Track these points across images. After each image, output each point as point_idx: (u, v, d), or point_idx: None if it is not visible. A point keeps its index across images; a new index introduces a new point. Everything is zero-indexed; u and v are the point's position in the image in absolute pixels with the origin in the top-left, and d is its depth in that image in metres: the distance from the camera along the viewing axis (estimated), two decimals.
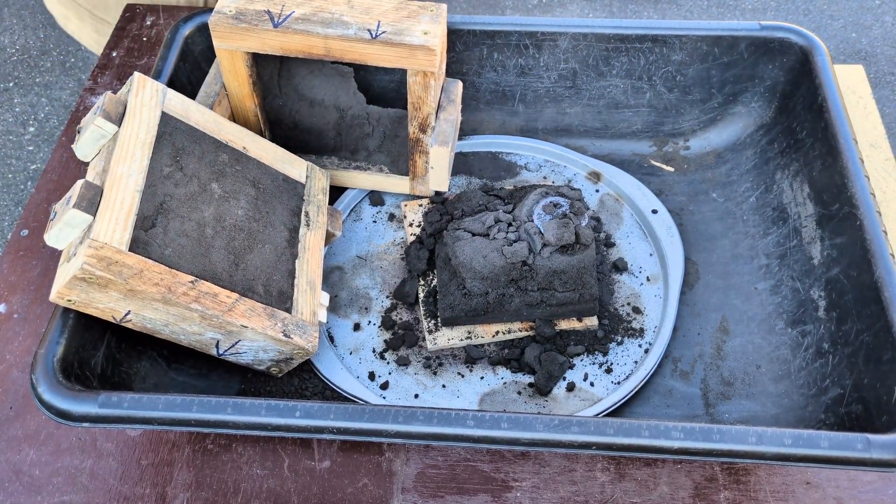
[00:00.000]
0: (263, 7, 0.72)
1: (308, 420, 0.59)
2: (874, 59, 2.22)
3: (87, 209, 0.61)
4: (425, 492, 0.69)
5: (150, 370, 0.71)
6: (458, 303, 0.74)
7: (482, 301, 0.74)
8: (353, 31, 0.70)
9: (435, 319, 0.77)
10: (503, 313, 0.75)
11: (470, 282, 0.73)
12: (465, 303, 0.74)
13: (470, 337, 0.76)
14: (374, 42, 0.69)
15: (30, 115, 2.14)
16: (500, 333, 0.76)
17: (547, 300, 0.74)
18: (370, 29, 0.70)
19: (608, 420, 0.58)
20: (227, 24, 0.71)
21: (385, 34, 0.69)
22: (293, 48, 0.72)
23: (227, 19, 0.71)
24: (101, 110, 0.66)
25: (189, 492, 0.69)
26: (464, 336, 0.76)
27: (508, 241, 0.73)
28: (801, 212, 0.80)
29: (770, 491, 0.69)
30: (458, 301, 0.74)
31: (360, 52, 0.70)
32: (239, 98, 0.79)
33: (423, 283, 0.79)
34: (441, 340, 0.76)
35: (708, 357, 0.76)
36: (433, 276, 0.80)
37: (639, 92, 0.90)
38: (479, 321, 0.76)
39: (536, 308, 0.75)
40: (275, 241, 0.73)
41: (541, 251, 0.72)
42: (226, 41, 0.72)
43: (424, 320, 0.77)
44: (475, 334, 0.76)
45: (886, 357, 0.64)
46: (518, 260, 0.72)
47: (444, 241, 0.77)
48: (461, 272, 0.74)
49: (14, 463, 0.70)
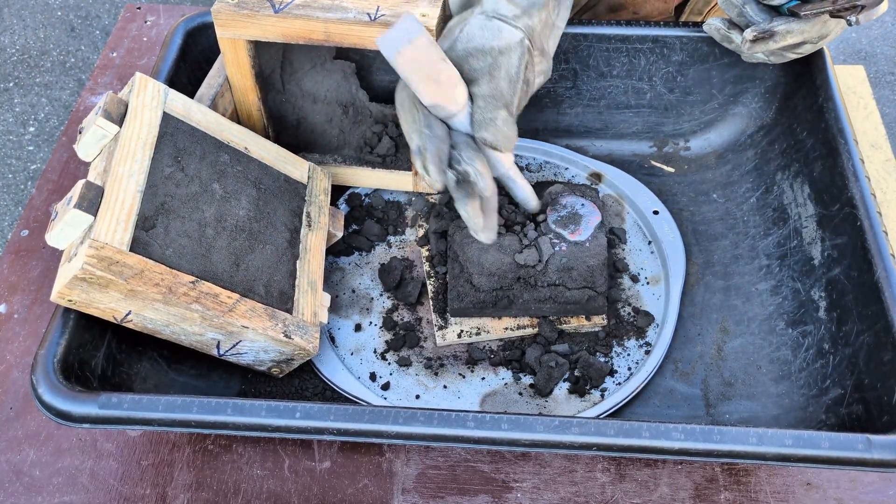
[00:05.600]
0: None
1: (308, 421, 0.59)
2: (874, 59, 2.22)
3: (88, 209, 0.61)
4: (426, 492, 0.69)
5: (150, 371, 0.71)
6: (466, 294, 0.75)
7: (490, 295, 0.74)
8: (352, 14, 0.71)
9: (444, 316, 0.77)
10: (511, 307, 0.75)
11: (477, 277, 0.73)
12: (474, 295, 0.75)
13: (479, 333, 0.76)
14: (373, 24, 0.70)
15: (30, 115, 2.14)
16: (508, 330, 0.76)
17: (556, 297, 0.74)
18: (369, 12, 0.70)
19: (609, 421, 0.58)
20: (228, 12, 0.72)
21: (384, 16, 0.70)
22: (294, 34, 0.72)
23: (229, 7, 0.72)
24: (102, 110, 0.66)
25: (189, 492, 0.69)
26: (473, 333, 0.76)
27: (519, 241, 0.74)
28: (801, 212, 0.80)
29: (771, 492, 0.69)
30: (467, 293, 0.75)
31: (359, 34, 0.71)
32: (242, 91, 0.80)
33: (432, 281, 0.79)
34: (450, 336, 0.76)
35: (709, 357, 0.76)
36: (440, 276, 0.80)
37: (639, 92, 0.90)
38: (488, 314, 0.76)
39: (545, 304, 0.75)
40: (276, 242, 0.73)
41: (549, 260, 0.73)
42: (228, 29, 0.73)
43: (435, 316, 0.77)
44: (484, 330, 0.76)
45: (887, 357, 0.64)
46: (529, 265, 0.73)
47: (452, 236, 0.77)
48: (468, 268, 0.74)
49: (14, 463, 0.70)
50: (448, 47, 0.65)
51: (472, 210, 0.67)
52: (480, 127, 0.64)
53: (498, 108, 0.64)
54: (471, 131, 0.65)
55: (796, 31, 0.74)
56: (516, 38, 0.64)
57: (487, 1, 0.66)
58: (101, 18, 2.38)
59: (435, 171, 0.64)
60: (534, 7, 0.66)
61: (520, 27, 0.65)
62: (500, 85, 0.64)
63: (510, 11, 0.65)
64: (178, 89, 0.75)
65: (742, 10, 0.75)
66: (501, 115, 0.64)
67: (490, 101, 0.64)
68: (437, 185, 0.64)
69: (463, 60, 0.65)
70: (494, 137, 0.64)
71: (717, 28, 0.79)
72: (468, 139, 0.66)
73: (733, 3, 0.76)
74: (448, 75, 0.63)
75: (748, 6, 0.75)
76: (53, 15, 2.38)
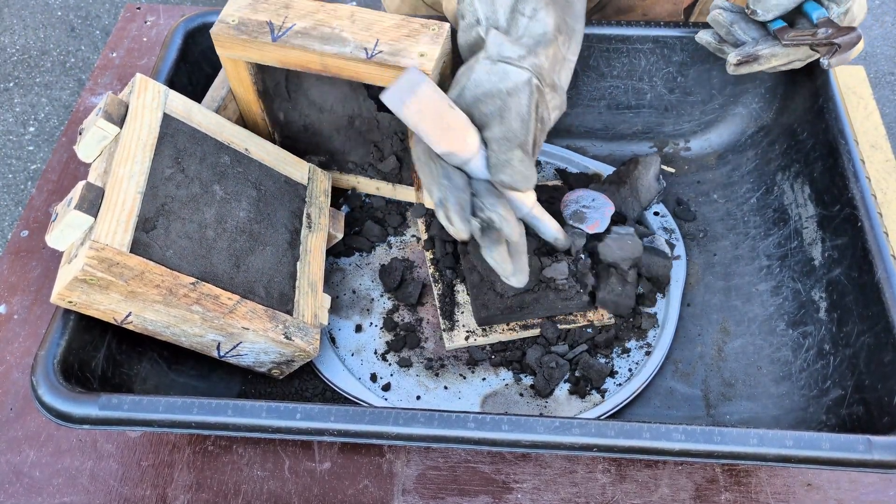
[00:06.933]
0: (266, 18, 0.72)
1: (309, 422, 0.59)
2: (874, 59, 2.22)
3: (89, 210, 0.61)
4: (426, 493, 0.69)
5: (150, 371, 0.70)
6: (492, 302, 0.75)
7: (517, 299, 0.74)
8: (349, 49, 0.69)
9: (451, 319, 0.77)
10: (538, 308, 0.75)
11: (501, 284, 0.74)
12: (500, 301, 0.75)
13: (486, 335, 0.76)
14: (370, 62, 0.69)
15: (30, 115, 2.14)
16: (513, 331, 0.76)
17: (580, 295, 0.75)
18: (367, 48, 0.69)
19: (609, 422, 0.58)
20: (228, 35, 0.71)
21: (381, 54, 0.69)
22: (291, 62, 0.72)
23: (229, 29, 0.71)
24: (102, 112, 0.66)
25: (189, 493, 0.69)
26: (480, 335, 0.76)
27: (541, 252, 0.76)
28: (801, 213, 0.79)
29: (771, 492, 0.69)
30: (493, 300, 0.75)
31: (355, 70, 0.70)
32: (246, 103, 0.80)
33: (438, 285, 0.79)
34: (458, 339, 0.76)
35: (709, 358, 0.76)
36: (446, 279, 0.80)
37: (639, 93, 0.90)
38: (515, 318, 0.76)
39: (571, 301, 0.75)
40: (276, 243, 0.73)
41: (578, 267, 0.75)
42: (228, 50, 0.73)
43: (442, 320, 0.77)
44: (491, 331, 0.76)
45: (888, 358, 0.64)
46: (560, 277, 0.74)
47: (467, 251, 0.78)
48: (491, 276, 0.74)
49: (14, 464, 0.70)
50: (457, 95, 0.65)
51: (499, 256, 0.67)
52: (497, 170, 0.64)
53: (512, 149, 0.63)
54: (489, 176, 0.65)
55: (781, 55, 0.74)
56: (523, 78, 0.63)
57: (492, 45, 0.65)
58: (101, 18, 2.38)
59: (458, 221, 0.63)
60: (539, 45, 0.65)
61: (526, 67, 0.64)
62: (512, 126, 0.63)
63: (515, 53, 0.64)
64: (179, 90, 0.75)
65: (730, 28, 0.76)
66: (517, 156, 0.63)
67: (503, 143, 0.63)
68: (463, 234, 0.64)
69: (473, 107, 0.64)
70: (512, 178, 0.63)
71: (708, 42, 0.79)
72: (488, 185, 0.65)
73: (720, 23, 0.76)
74: (457, 121, 0.62)
75: (736, 25, 0.75)
76: (53, 15, 2.38)
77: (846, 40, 0.70)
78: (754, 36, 0.75)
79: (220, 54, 0.74)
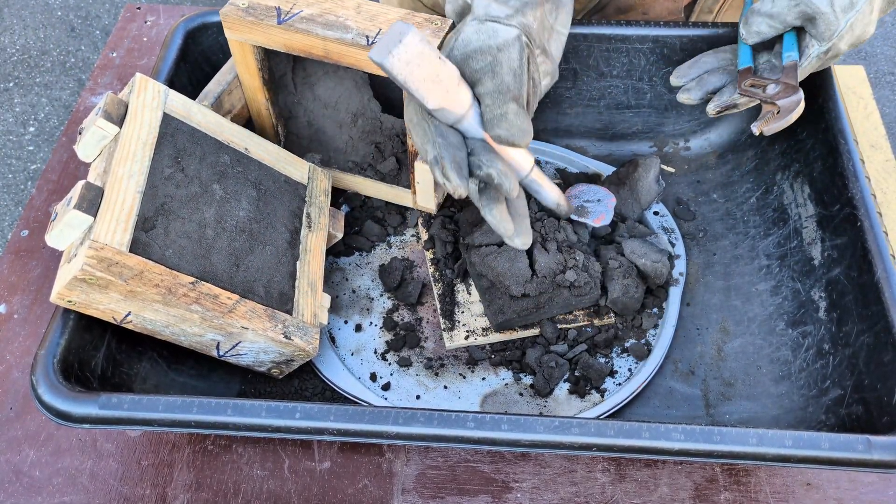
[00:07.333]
0: (275, 3, 0.73)
1: (308, 422, 0.59)
2: (874, 59, 2.22)
3: (88, 210, 0.61)
4: (425, 493, 0.69)
5: (150, 371, 0.71)
6: (507, 306, 0.74)
7: (532, 301, 0.74)
8: (351, 35, 0.70)
9: (452, 319, 0.77)
10: (554, 306, 0.75)
11: (515, 287, 0.73)
12: (515, 304, 0.74)
13: (486, 335, 0.76)
14: (370, 48, 0.69)
15: (30, 115, 2.14)
16: (513, 331, 0.76)
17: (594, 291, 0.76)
18: (368, 35, 0.70)
19: (609, 422, 0.58)
20: (236, 17, 0.72)
21: None
22: (295, 46, 0.72)
23: (238, 11, 0.73)
24: (102, 111, 0.66)
25: (189, 493, 0.69)
26: (480, 334, 0.76)
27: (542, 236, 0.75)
28: (801, 213, 0.79)
29: (770, 492, 0.69)
30: (507, 304, 0.74)
31: (356, 56, 0.71)
32: (251, 90, 0.80)
33: (439, 285, 0.79)
34: (458, 339, 0.76)
35: (709, 358, 0.76)
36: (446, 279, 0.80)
37: (639, 92, 0.90)
38: (533, 318, 0.76)
39: (585, 296, 0.75)
40: (276, 243, 0.73)
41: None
42: (235, 33, 0.74)
43: (442, 319, 0.77)
44: (490, 331, 0.76)
45: (887, 358, 0.64)
46: (579, 284, 0.74)
47: (471, 261, 0.77)
48: (503, 281, 0.74)
49: (14, 464, 0.70)
50: (446, 55, 0.64)
51: (500, 214, 0.65)
52: (492, 125, 0.62)
53: (506, 102, 0.62)
54: (483, 135, 0.64)
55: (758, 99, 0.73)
56: (512, 34, 0.64)
57: (479, 7, 0.66)
58: (101, 18, 2.38)
59: (455, 176, 0.61)
60: (527, 6, 0.66)
61: (514, 25, 0.65)
62: (505, 79, 0.63)
63: (502, 12, 0.65)
64: (178, 90, 0.75)
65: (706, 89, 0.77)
66: (512, 109, 0.62)
67: (497, 96, 0.62)
68: (461, 190, 0.62)
69: (463, 64, 0.64)
70: (509, 132, 0.62)
71: (688, 98, 0.78)
72: (484, 143, 0.64)
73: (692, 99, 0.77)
74: (448, 73, 0.61)
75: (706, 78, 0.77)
76: (53, 15, 2.38)
77: (786, 104, 0.70)
78: (725, 80, 0.76)
79: (228, 37, 0.75)
